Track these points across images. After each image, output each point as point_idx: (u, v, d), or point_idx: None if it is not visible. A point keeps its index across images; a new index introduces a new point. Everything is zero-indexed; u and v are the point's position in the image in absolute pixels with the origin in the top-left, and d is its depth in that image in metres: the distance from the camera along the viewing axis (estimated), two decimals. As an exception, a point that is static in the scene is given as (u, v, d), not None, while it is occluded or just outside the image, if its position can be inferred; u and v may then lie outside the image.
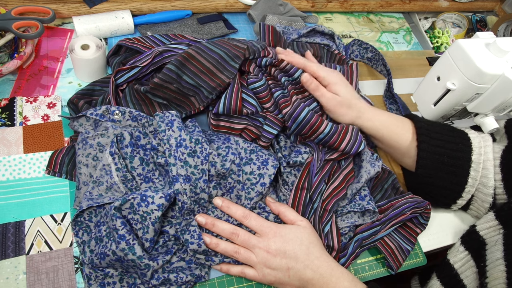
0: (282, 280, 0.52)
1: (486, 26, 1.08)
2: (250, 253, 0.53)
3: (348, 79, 0.71)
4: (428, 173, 0.62)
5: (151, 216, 0.49)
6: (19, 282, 0.49)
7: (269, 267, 0.52)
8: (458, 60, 0.64)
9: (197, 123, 0.58)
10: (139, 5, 0.77)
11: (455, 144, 0.62)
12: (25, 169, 0.57)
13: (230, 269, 0.53)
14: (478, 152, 0.61)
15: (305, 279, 0.52)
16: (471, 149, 0.61)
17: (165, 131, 0.53)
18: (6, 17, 0.64)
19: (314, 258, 0.53)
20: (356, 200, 0.60)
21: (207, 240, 0.52)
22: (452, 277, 0.60)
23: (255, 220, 0.54)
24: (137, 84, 0.61)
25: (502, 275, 0.51)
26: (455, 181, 0.62)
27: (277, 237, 0.53)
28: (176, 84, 0.58)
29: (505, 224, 0.56)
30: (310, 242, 0.54)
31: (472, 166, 0.61)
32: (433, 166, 0.61)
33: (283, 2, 0.84)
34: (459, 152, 0.61)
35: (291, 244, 0.53)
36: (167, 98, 0.60)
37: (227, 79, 0.58)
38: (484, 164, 0.61)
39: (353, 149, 0.60)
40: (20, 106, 0.62)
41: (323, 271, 0.52)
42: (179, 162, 0.51)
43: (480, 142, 0.62)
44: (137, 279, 0.51)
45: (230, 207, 0.55)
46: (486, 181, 0.61)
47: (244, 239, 0.53)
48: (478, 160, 0.61)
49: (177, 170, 0.51)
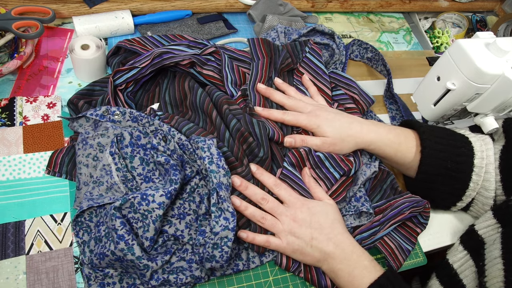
0: (304, 250, 0.53)
1: (486, 26, 1.08)
2: (276, 221, 0.54)
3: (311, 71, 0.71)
4: (430, 178, 0.62)
5: (152, 214, 0.49)
6: (19, 282, 0.49)
7: (293, 234, 0.53)
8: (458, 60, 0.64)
9: None
10: (139, 5, 0.77)
11: (458, 149, 0.61)
12: (25, 169, 0.57)
13: (256, 238, 0.54)
14: (480, 156, 0.61)
15: (326, 252, 0.53)
16: (473, 154, 0.61)
17: (205, 140, 0.54)
18: (6, 17, 0.64)
19: (337, 233, 0.54)
20: (351, 202, 0.60)
21: (237, 203, 0.54)
22: (451, 277, 0.60)
23: (285, 190, 0.57)
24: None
25: (500, 274, 0.51)
26: (457, 186, 0.62)
27: (304, 208, 0.55)
28: None
29: (503, 222, 0.56)
30: (335, 218, 0.56)
31: (474, 170, 0.61)
32: (435, 171, 0.61)
33: (283, 2, 0.84)
34: (461, 157, 0.61)
35: (317, 216, 0.55)
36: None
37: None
38: (486, 168, 0.61)
39: None
40: (20, 106, 0.62)
41: (345, 246, 0.53)
42: (222, 170, 0.52)
43: (482, 146, 0.62)
44: (136, 279, 0.51)
45: (264, 174, 0.57)
46: (488, 185, 0.61)
47: (272, 206, 0.55)
48: (481, 164, 0.60)
49: (219, 178, 0.52)
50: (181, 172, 0.53)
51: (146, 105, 0.66)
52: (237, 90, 0.65)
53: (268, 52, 0.70)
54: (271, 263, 0.58)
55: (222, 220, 0.50)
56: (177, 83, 0.66)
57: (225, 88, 0.65)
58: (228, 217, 0.50)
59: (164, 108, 0.65)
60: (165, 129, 0.56)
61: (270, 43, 0.71)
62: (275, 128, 0.62)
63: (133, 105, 0.64)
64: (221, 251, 0.49)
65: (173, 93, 0.66)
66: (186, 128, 0.59)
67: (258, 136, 0.58)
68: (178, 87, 0.65)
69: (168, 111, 0.65)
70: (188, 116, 0.64)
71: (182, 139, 0.55)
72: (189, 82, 0.64)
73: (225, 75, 0.65)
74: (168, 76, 0.68)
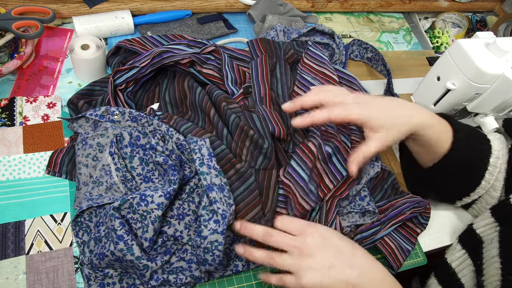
0: (323, 283, 0.44)
1: (486, 26, 1.08)
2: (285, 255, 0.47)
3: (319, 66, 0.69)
4: (448, 171, 0.59)
5: (151, 215, 0.49)
6: (19, 282, 0.49)
7: (307, 266, 0.45)
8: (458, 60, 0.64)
9: None
10: (139, 5, 0.77)
11: (480, 145, 0.60)
12: (25, 169, 0.57)
13: (270, 278, 0.48)
14: (497, 155, 0.60)
15: (351, 282, 0.44)
16: (491, 152, 0.60)
17: (197, 141, 0.53)
18: (6, 17, 0.64)
19: (360, 257, 0.46)
20: (356, 200, 0.60)
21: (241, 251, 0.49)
22: (450, 276, 0.60)
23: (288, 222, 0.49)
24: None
25: (497, 272, 0.51)
26: (469, 182, 0.61)
27: (315, 234, 0.46)
28: None
29: (501, 221, 0.56)
30: (350, 241, 0.48)
31: (489, 169, 0.60)
32: (457, 164, 0.59)
33: (283, 2, 0.84)
34: (481, 154, 0.60)
35: (332, 239, 0.46)
36: None
37: None
38: (500, 168, 0.60)
39: None
40: (20, 106, 0.62)
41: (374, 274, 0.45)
42: (214, 171, 0.51)
43: (499, 144, 0.61)
44: (136, 279, 0.51)
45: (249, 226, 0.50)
46: (498, 185, 0.60)
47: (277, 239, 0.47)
48: (496, 164, 0.60)
49: (211, 179, 0.51)
50: (180, 172, 0.53)
51: (146, 105, 0.66)
52: (237, 88, 0.65)
53: (267, 49, 0.70)
54: (271, 263, 0.58)
55: (212, 223, 0.49)
56: (177, 83, 0.66)
57: (225, 87, 0.65)
58: (218, 220, 0.49)
59: (164, 108, 0.65)
60: (163, 129, 0.56)
61: (269, 41, 0.71)
62: (278, 123, 0.60)
63: (133, 105, 0.64)
64: (212, 255, 0.48)
65: (173, 93, 0.66)
66: (184, 128, 0.58)
67: (260, 129, 0.57)
68: (177, 87, 0.65)
69: (168, 111, 0.65)
70: (188, 116, 0.64)
71: (181, 139, 0.55)
72: (189, 81, 0.64)
73: (225, 74, 0.65)
74: (168, 76, 0.68)
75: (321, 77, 0.67)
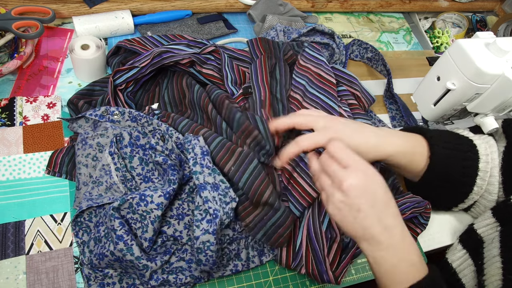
0: (345, 220, 0.46)
1: (486, 26, 1.08)
2: (328, 178, 0.48)
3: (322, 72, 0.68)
4: (435, 183, 0.60)
5: (151, 215, 0.49)
6: (19, 282, 0.49)
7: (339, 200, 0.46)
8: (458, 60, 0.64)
9: None
10: (139, 5, 0.77)
11: (464, 153, 0.60)
12: (25, 169, 0.57)
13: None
14: (485, 160, 0.60)
15: (371, 232, 0.45)
16: (479, 158, 0.60)
17: (190, 140, 0.53)
18: (6, 17, 0.64)
19: (390, 213, 0.46)
20: None
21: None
22: (450, 276, 0.60)
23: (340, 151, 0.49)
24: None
25: (498, 272, 0.51)
26: (461, 189, 0.61)
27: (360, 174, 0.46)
28: None
29: (502, 221, 0.56)
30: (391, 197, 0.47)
31: (479, 175, 0.60)
32: (441, 177, 0.59)
33: (283, 2, 0.84)
34: (467, 161, 0.60)
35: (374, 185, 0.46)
36: None
37: None
38: (491, 172, 0.60)
39: None
40: (20, 106, 0.62)
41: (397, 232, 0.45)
42: (206, 170, 0.51)
43: (487, 149, 0.61)
44: (136, 279, 0.51)
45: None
46: (492, 189, 0.60)
47: (326, 162, 0.48)
48: (485, 168, 0.59)
49: (204, 178, 0.51)
50: (179, 172, 0.53)
51: (146, 105, 0.66)
52: (237, 89, 0.65)
53: (267, 49, 0.69)
54: (271, 263, 0.58)
55: (204, 223, 0.48)
56: (175, 82, 0.66)
57: (225, 87, 0.65)
58: (210, 220, 0.48)
59: (163, 108, 0.66)
60: (163, 129, 0.56)
61: (268, 40, 0.71)
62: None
63: (133, 105, 0.64)
64: (205, 255, 0.48)
65: (172, 92, 0.66)
66: (182, 125, 0.58)
67: (262, 131, 0.57)
68: (176, 86, 0.65)
69: (167, 111, 0.65)
70: (187, 114, 0.64)
71: (180, 138, 0.55)
72: (187, 80, 0.64)
73: (225, 74, 0.65)
74: (168, 76, 0.68)
75: (317, 79, 0.67)
